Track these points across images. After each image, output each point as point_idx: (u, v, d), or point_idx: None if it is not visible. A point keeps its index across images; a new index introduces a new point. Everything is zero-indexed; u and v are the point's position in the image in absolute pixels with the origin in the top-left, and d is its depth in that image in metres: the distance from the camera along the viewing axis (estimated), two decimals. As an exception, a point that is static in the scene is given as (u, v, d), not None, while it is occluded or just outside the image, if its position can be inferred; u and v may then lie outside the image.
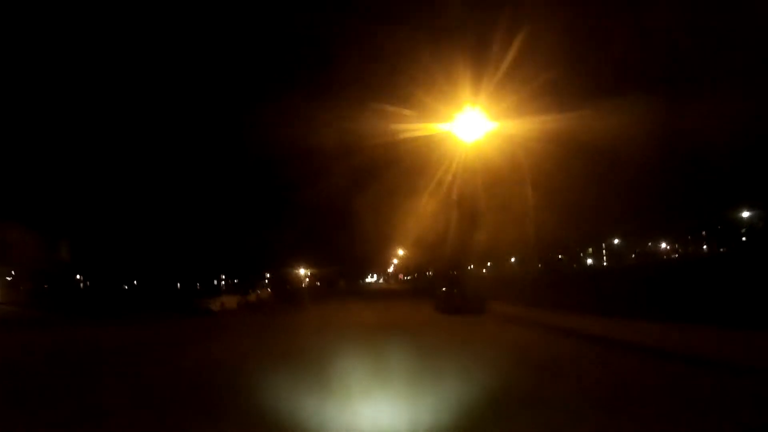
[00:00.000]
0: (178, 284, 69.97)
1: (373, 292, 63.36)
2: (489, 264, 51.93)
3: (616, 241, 51.82)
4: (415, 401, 6.20)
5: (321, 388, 7.24)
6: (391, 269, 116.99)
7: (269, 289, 52.39)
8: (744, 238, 45.51)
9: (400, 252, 77.46)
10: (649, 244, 51.05)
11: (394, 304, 30.86)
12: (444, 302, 22.07)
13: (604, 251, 54.24)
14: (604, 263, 51.52)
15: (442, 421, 5.36)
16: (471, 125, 16.23)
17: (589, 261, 55.22)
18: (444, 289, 23.70)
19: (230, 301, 32.70)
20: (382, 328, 16.94)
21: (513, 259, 47.88)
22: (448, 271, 35.60)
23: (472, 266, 42.24)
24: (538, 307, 18.51)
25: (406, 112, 17.30)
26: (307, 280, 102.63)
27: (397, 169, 27.97)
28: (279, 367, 9.43)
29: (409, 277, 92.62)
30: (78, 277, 67.98)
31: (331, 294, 58.83)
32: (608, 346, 10.24)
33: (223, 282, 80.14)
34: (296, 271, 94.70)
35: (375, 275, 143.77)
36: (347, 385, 7.39)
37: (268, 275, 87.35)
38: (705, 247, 50.28)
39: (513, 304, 20.93)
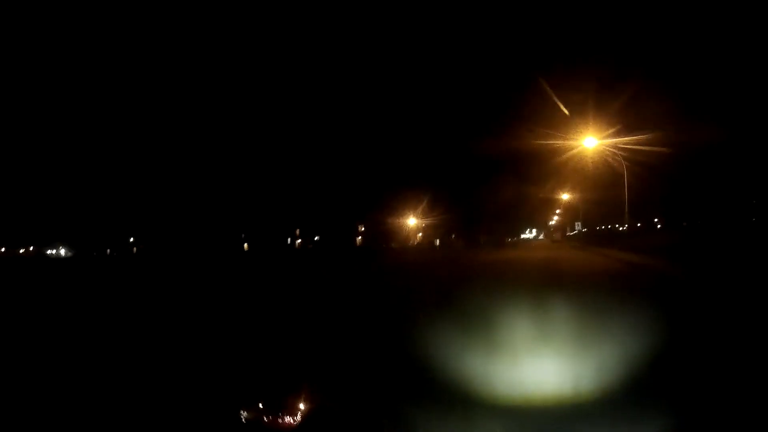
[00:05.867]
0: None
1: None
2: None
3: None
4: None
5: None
6: (553, 221, 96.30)
7: None
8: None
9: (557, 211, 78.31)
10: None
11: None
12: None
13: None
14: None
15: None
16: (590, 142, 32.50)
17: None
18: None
19: None
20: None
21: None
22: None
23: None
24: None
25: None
26: (419, 235, 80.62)
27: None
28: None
29: (575, 232, 75.45)
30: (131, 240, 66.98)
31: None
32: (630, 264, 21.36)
33: (298, 240, 63.82)
34: (402, 221, 69.80)
35: (534, 230, 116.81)
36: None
37: (362, 228, 73.35)
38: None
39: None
